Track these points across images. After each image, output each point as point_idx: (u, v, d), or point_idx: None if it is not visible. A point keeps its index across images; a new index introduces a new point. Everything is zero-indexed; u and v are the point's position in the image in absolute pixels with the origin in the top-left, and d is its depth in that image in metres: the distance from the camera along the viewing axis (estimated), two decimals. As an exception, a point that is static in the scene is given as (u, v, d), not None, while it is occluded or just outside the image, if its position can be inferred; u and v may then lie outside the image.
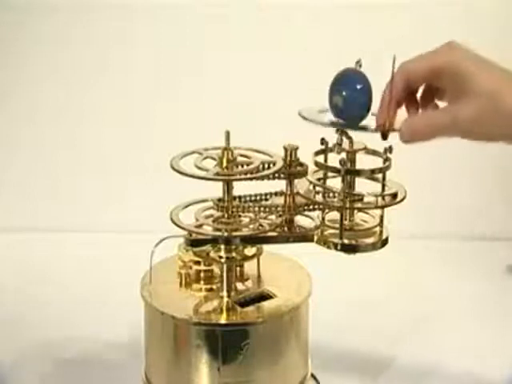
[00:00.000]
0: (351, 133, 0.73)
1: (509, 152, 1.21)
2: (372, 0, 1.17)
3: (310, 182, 0.77)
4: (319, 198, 0.76)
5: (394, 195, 0.75)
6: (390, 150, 0.73)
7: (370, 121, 0.72)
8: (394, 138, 0.71)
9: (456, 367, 0.90)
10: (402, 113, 0.72)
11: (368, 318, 0.99)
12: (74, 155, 1.24)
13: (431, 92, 0.72)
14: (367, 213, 0.77)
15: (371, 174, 0.74)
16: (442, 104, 0.72)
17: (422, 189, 1.09)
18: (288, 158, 0.76)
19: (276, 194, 0.79)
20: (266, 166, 0.76)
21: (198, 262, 0.79)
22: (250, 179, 0.75)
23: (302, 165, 0.77)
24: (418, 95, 0.73)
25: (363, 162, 0.74)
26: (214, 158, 0.75)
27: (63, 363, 0.90)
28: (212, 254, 0.78)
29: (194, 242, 0.76)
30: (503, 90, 0.67)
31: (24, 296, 1.04)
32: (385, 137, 0.71)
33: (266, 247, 0.80)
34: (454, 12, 1.17)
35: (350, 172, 0.73)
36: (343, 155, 0.73)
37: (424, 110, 0.73)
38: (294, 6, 1.18)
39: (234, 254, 0.77)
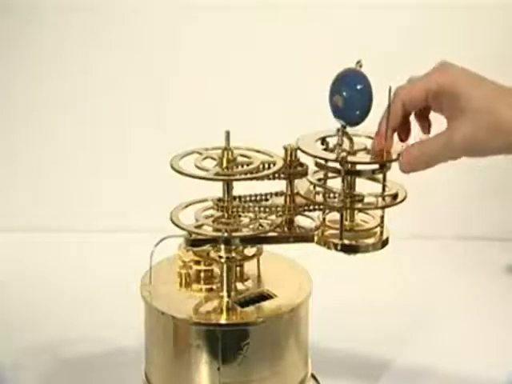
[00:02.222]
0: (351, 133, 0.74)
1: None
2: (372, 0, 1.17)
3: (311, 183, 0.77)
4: (319, 198, 0.76)
5: (395, 196, 0.75)
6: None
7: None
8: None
9: (456, 367, 0.90)
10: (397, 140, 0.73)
11: (368, 318, 0.99)
12: (74, 155, 1.24)
13: (426, 108, 0.73)
14: (368, 213, 0.77)
15: (372, 175, 0.75)
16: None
17: (422, 189, 1.09)
18: (288, 158, 0.76)
19: (276, 194, 0.79)
20: (266, 166, 0.76)
21: (198, 262, 0.79)
22: (250, 179, 0.75)
23: (302, 165, 0.77)
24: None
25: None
26: (214, 158, 0.75)
27: (63, 363, 0.90)
28: (212, 254, 0.78)
29: (193, 242, 0.76)
30: (496, 105, 0.68)
31: (24, 296, 1.04)
32: (382, 167, 0.72)
33: (266, 247, 0.80)
34: (454, 13, 1.17)
35: (350, 172, 0.73)
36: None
37: (420, 123, 0.74)
38: (295, 5, 1.18)
39: (233, 254, 0.77)
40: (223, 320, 0.75)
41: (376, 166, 0.73)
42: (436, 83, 0.70)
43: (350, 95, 0.71)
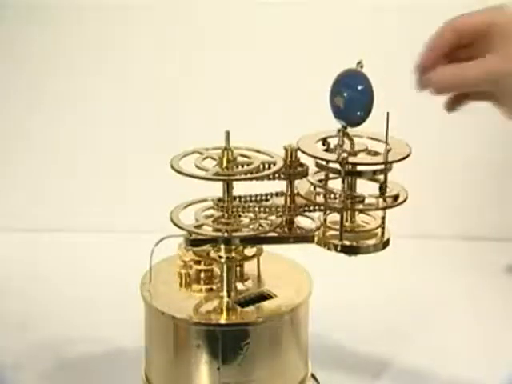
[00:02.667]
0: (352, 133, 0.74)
1: (506, 153, 1.22)
2: (372, 0, 1.17)
3: (311, 183, 0.77)
4: (320, 199, 0.76)
5: (396, 197, 0.75)
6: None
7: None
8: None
9: (456, 367, 0.90)
10: None
11: (368, 318, 0.99)
12: (74, 156, 1.24)
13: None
14: (369, 214, 0.77)
15: (373, 176, 0.74)
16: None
17: (422, 189, 1.09)
18: (288, 159, 0.76)
19: (276, 194, 0.79)
20: (267, 166, 0.76)
21: (198, 262, 0.79)
22: (250, 179, 0.75)
23: (302, 165, 0.77)
24: None
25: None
26: (214, 158, 0.75)
27: (63, 363, 0.90)
28: (212, 254, 0.78)
29: (193, 242, 0.76)
30: None
31: (24, 296, 1.04)
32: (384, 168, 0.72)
33: (266, 247, 0.80)
34: (454, 13, 1.17)
35: (350, 173, 0.73)
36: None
37: None
38: (295, 5, 1.18)
39: (233, 254, 0.77)
40: (223, 320, 0.75)
41: (377, 167, 0.73)
42: (493, 15, 0.69)
43: (350, 96, 0.71)
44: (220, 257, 0.77)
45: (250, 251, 0.79)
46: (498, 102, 0.71)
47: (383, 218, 0.76)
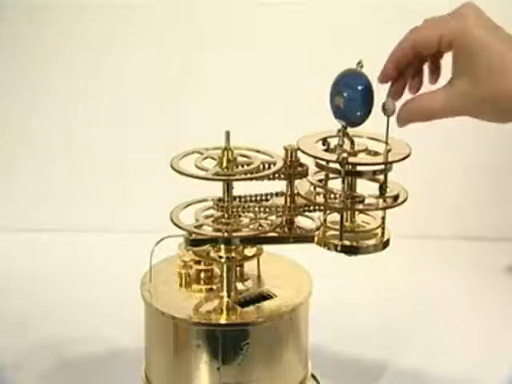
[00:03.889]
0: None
1: (506, 153, 1.22)
2: (372, 0, 1.17)
3: (311, 183, 0.77)
4: (320, 199, 0.76)
5: (396, 197, 0.74)
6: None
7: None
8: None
9: (456, 367, 0.90)
10: None
11: (368, 318, 0.99)
12: (74, 156, 1.24)
13: (438, 53, 0.71)
14: (369, 214, 0.77)
15: (372, 176, 0.74)
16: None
17: (422, 189, 1.09)
18: (288, 159, 0.76)
19: (276, 194, 0.79)
20: (267, 166, 0.76)
21: (198, 262, 0.79)
22: (250, 179, 0.75)
23: (302, 165, 0.77)
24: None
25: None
26: (214, 158, 0.75)
27: (63, 363, 0.90)
28: (212, 254, 0.78)
29: (193, 242, 0.76)
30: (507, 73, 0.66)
31: (24, 296, 1.04)
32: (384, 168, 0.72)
33: (266, 247, 0.80)
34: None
35: (350, 173, 0.73)
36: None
37: (429, 70, 0.73)
38: (295, 5, 1.18)
39: (233, 254, 0.77)
40: (223, 320, 0.75)
41: (377, 167, 0.73)
42: (452, 29, 0.68)
43: (350, 96, 0.71)
44: (220, 257, 0.77)
45: (250, 251, 0.79)
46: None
47: (383, 218, 0.76)
